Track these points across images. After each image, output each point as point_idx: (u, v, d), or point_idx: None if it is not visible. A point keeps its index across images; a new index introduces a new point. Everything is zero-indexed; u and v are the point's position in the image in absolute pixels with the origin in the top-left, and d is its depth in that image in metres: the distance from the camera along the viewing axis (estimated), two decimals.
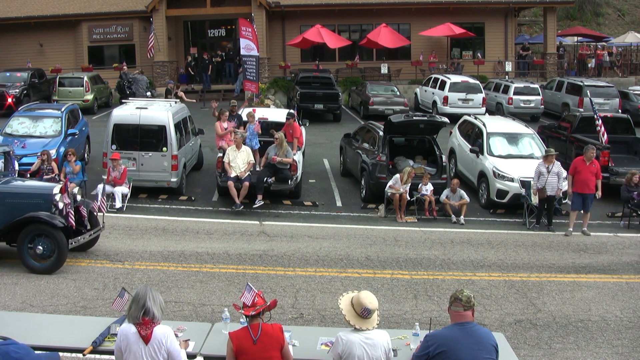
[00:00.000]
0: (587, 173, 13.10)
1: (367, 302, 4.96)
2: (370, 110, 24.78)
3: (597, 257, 11.67)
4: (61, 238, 9.66)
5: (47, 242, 9.69)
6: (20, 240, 9.71)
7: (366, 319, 4.95)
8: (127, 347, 4.62)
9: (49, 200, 9.86)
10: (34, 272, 9.63)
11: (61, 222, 9.71)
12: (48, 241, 9.69)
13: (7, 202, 9.85)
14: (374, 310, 4.95)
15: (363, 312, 4.94)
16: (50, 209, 9.84)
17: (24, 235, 9.68)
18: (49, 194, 9.94)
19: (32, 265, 9.74)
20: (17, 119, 16.27)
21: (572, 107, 24.39)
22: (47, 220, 9.65)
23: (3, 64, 29.33)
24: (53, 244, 9.68)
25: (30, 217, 9.66)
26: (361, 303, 4.95)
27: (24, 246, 9.71)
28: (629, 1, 47.70)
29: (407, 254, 11.40)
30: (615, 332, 8.43)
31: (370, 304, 4.95)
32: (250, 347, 4.89)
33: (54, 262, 9.74)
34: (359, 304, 4.96)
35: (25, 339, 5.08)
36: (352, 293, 5.14)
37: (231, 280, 9.70)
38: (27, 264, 9.75)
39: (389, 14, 31.15)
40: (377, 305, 4.97)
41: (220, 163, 14.12)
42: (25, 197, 9.98)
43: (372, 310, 4.95)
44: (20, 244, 9.72)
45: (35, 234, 9.69)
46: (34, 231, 9.68)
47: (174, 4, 30.33)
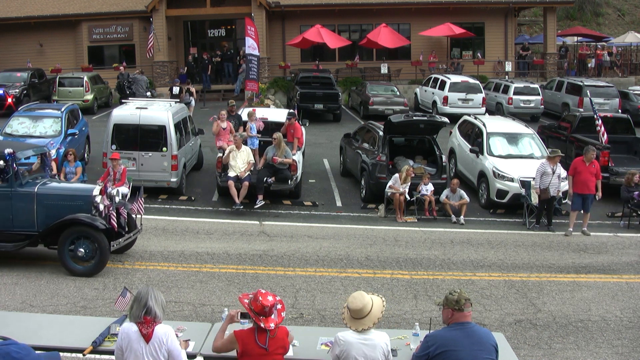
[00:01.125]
0: (587, 174, 13.10)
1: (350, 301, 4.99)
2: (370, 110, 24.78)
3: (597, 257, 11.67)
4: (103, 240, 9.55)
5: (89, 244, 9.59)
6: (61, 243, 9.59)
7: (357, 319, 4.94)
8: (128, 346, 4.63)
9: (89, 202, 9.75)
10: (75, 275, 9.54)
11: (102, 224, 9.61)
12: (89, 243, 9.59)
13: (46, 203, 9.75)
14: (354, 309, 4.92)
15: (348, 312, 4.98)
16: (90, 210, 9.73)
17: (65, 238, 9.57)
18: (89, 195, 9.82)
19: (73, 267, 9.63)
20: (17, 119, 16.26)
21: (572, 107, 24.39)
22: (89, 222, 9.54)
23: (3, 64, 29.33)
24: (94, 246, 9.58)
25: (72, 219, 9.55)
26: (347, 304, 5.01)
27: (64, 248, 9.59)
28: (629, 1, 47.69)
29: (407, 254, 11.41)
30: (615, 332, 8.43)
31: (351, 303, 4.96)
32: (255, 351, 4.89)
33: (95, 264, 9.65)
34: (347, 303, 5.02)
35: (25, 339, 5.08)
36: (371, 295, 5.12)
37: (231, 280, 9.70)
38: (67, 267, 9.64)
39: (389, 14, 31.15)
40: (359, 305, 4.92)
41: (220, 163, 14.13)
42: (64, 199, 9.86)
43: (353, 310, 4.93)
44: (60, 246, 9.60)
45: (76, 236, 9.59)
46: (75, 233, 9.58)
47: (174, 4, 30.32)
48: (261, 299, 4.90)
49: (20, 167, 10.18)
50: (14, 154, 9.69)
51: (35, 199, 9.76)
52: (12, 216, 9.74)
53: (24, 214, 9.75)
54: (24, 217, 9.75)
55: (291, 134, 15.27)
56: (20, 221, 9.76)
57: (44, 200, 9.78)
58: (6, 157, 9.60)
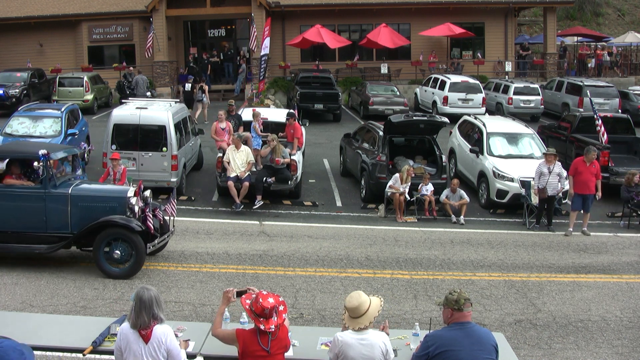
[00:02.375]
0: (588, 174, 13.11)
1: (346, 301, 5.00)
2: (370, 110, 24.78)
3: (597, 257, 11.67)
4: (139, 242, 9.49)
5: (124, 246, 9.52)
6: (96, 245, 9.52)
7: (354, 318, 4.95)
8: (127, 347, 4.63)
9: (123, 204, 9.69)
10: (110, 277, 9.49)
11: (138, 225, 9.53)
12: (125, 245, 9.52)
13: (80, 205, 9.68)
14: (350, 308, 4.94)
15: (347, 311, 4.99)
16: (124, 212, 9.67)
17: (100, 240, 9.51)
18: (124, 197, 9.75)
19: (109, 270, 9.57)
20: (17, 119, 16.27)
21: (572, 107, 24.39)
22: (125, 224, 9.47)
23: (3, 64, 29.32)
24: (130, 248, 9.52)
25: (108, 221, 9.48)
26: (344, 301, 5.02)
27: (100, 250, 9.53)
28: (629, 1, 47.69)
29: (407, 254, 11.41)
30: (615, 332, 8.43)
31: (347, 302, 4.98)
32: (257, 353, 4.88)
33: (131, 266, 9.59)
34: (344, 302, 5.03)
35: (25, 339, 5.08)
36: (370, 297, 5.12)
37: (231, 280, 9.70)
38: (103, 269, 9.58)
39: (389, 14, 31.15)
40: (355, 304, 4.93)
41: (220, 163, 14.13)
42: (99, 200, 9.79)
43: (349, 309, 4.94)
44: (96, 248, 9.53)
45: (112, 238, 9.53)
46: (111, 235, 9.51)
47: (174, 4, 30.31)
48: (261, 300, 4.89)
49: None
50: (48, 155, 9.59)
51: (70, 200, 9.68)
52: (46, 218, 9.67)
53: (57, 216, 9.68)
54: (57, 218, 9.69)
55: (291, 134, 15.27)
56: (54, 223, 9.70)
57: (78, 201, 9.69)
58: (40, 158, 9.53)
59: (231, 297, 5.26)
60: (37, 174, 10.12)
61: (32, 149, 10.28)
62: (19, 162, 10.15)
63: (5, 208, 9.68)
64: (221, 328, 5.26)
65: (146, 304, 4.58)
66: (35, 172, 10.13)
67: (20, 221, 9.70)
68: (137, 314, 4.58)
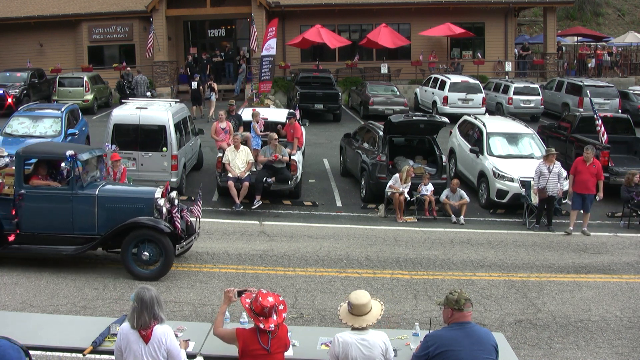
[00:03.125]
0: (587, 174, 13.11)
1: (353, 297, 4.99)
2: (370, 110, 24.78)
3: (597, 257, 11.67)
4: (168, 243, 9.43)
5: (153, 247, 9.47)
6: (124, 246, 9.47)
7: (356, 316, 4.94)
8: (127, 347, 4.63)
9: (151, 205, 9.64)
10: (138, 279, 9.45)
11: (167, 226, 9.48)
12: (153, 247, 9.47)
13: (107, 206, 9.63)
14: (357, 305, 4.93)
15: (348, 307, 4.98)
16: (152, 213, 9.61)
17: (129, 241, 9.45)
18: (151, 198, 9.71)
19: (137, 271, 9.53)
20: (17, 119, 16.28)
21: (572, 107, 24.39)
22: (154, 225, 9.41)
23: (3, 64, 29.32)
24: (159, 249, 9.47)
25: (137, 222, 9.43)
26: (348, 298, 5.01)
27: (128, 252, 9.48)
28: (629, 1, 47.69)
29: (407, 254, 11.40)
30: (615, 332, 8.43)
31: (355, 299, 4.96)
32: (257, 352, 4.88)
33: (160, 268, 9.55)
34: (348, 300, 5.01)
35: (25, 339, 5.07)
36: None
37: (231, 280, 9.70)
38: (131, 270, 9.54)
39: (389, 14, 31.15)
40: (363, 301, 4.94)
41: (220, 163, 14.13)
42: (126, 202, 9.73)
43: (355, 306, 4.93)
44: (124, 249, 9.48)
45: (140, 240, 9.48)
46: (139, 236, 9.46)
47: (174, 4, 30.31)
48: (261, 299, 4.89)
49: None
50: (76, 156, 9.54)
51: (97, 201, 9.64)
52: (73, 219, 9.62)
53: (84, 217, 9.63)
54: (84, 220, 9.64)
55: (291, 134, 15.27)
56: (81, 224, 9.65)
57: (105, 202, 9.65)
58: (68, 159, 9.49)
59: (232, 297, 5.27)
60: (62, 175, 10.09)
61: (60, 149, 10.23)
62: (45, 163, 10.10)
63: (32, 209, 9.63)
64: (222, 327, 5.26)
65: (147, 304, 4.58)
66: (60, 173, 10.09)
67: (47, 222, 9.65)
68: (138, 314, 4.58)
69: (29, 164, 10.23)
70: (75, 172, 9.57)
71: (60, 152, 9.96)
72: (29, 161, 10.16)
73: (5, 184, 9.80)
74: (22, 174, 9.71)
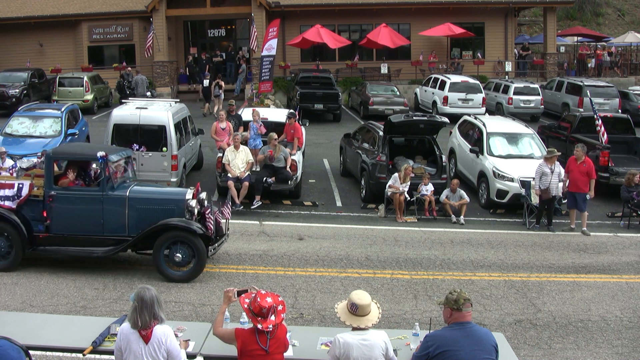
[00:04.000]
0: (577, 172, 13.17)
1: (356, 298, 4.98)
2: (370, 110, 24.78)
3: (597, 257, 11.67)
4: (200, 245, 9.40)
5: (185, 249, 9.44)
6: (156, 248, 9.44)
7: (359, 317, 4.94)
8: (127, 347, 4.63)
9: (182, 206, 9.60)
10: (171, 281, 9.43)
11: (199, 228, 9.44)
12: (186, 248, 9.43)
13: (138, 208, 9.59)
14: (362, 305, 4.93)
15: (351, 307, 4.96)
16: (182, 214, 9.58)
17: (161, 243, 9.42)
18: (182, 199, 9.68)
19: (170, 273, 9.50)
20: (17, 119, 16.28)
21: (572, 107, 24.40)
22: (187, 226, 9.37)
23: (3, 64, 29.31)
24: (191, 251, 9.44)
25: (169, 224, 9.38)
26: (351, 299, 5.00)
27: (160, 254, 9.45)
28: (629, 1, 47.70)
29: (407, 254, 11.40)
30: (615, 332, 8.43)
31: (359, 299, 4.95)
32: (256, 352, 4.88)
33: (192, 269, 9.51)
34: (350, 300, 5.01)
35: (25, 339, 5.08)
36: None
37: (231, 280, 9.70)
38: (163, 272, 9.51)
39: (389, 14, 31.15)
40: (367, 302, 4.95)
41: (220, 163, 14.13)
42: (157, 203, 9.68)
43: (360, 306, 4.93)
44: (156, 251, 9.45)
45: (172, 241, 9.44)
46: (171, 238, 9.42)
47: (174, 4, 30.31)
48: (259, 300, 4.89)
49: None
50: (107, 157, 9.50)
51: (127, 203, 9.60)
52: (103, 221, 9.59)
53: (115, 219, 9.60)
54: (115, 221, 9.61)
55: (291, 134, 15.27)
56: (111, 226, 9.62)
57: (136, 204, 9.60)
58: (99, 160, 9.46)
59: (232, 297, 5.27)
60: (90, 176, 10.06)
61: (90, 150, 10.19)
62: (74, 164, 10.06)
63: (63, 211, 9.60)
64: (222, 327, 5.26)
65: (147, 303, 4.58)
66: (88, 174, 10.05)
67: (77, 224, 9.62)
68: (138, 314, 4.58)
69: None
70: (106, 173, 9.53)
71: (91, 153, 9.91)
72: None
73: (35, 185, 9.74)
74: (52, 175, 9.68)
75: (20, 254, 9.60)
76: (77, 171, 10.10)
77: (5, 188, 9.63)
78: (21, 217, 9.59)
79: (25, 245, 9.56)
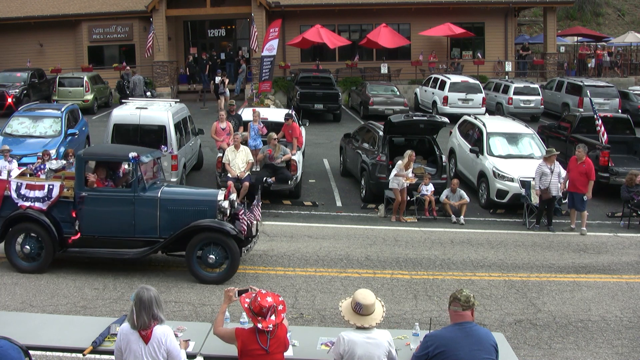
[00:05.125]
0: (575, 172, 13.19)
1: (361, 297, 4.97)
2: (370, 110, 24.77)
3: (597, 257, 11.67)
4: (234, 246, 9.37)
5: (218, 250, 9.41)
6: (189, 249, 9.40)
7: (363, 316, 4.94)
8: (127, 347, 4.63)
9: (213, 207, 9.57)
10: (203, 282, 9.40)
11: (233, 229, 9.41)
12: (219, 250, 9.40)
13: (169, 209, 9.54)
14: (366, 305, 4.93)
15: (355, 307, 4.96)
16: (214, 215, 9.54)
17: (194, 244, 9.38)
18: (214, 200, 9.65)
19: (204, 275, 9.47)
20: (17, 119, 16.27)
21: (572, 107, 24.39)
22: (221, 228, 9.35)
23: (3, 64, 29.32)
24: (225, 252, 9.41)
25: (203, 225, 9.34)
26: (355, 299, 4.99)
27: (193, 255, 9.41)
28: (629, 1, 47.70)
29: (407, 254, 11.40)
30: (615, 332, 8.43)
31: (363, 299, 4.95)
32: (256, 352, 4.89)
33: (226, 271, 9.49)
34: (354, 300, 5.00)
35: (25, 339, 5.08)
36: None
37: (231, 280, 9.69)
38: (196, 274, 9.48)
39: (389, 14, 31.15)
40: (371, 301, 4.95)
41: (220, 163, 14.13)
42: (188, 204, 9.63)
43: (365, 306, 4.93)
44: (189, 253, 9.41)
45: (205, 243, 9.42)
46: (205, 239, 9.39)
47: (174, 4, 30.31)
48: (260, 299, 4.90)
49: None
50: (139, 158, 9.45)
51: (159, 204, 9.56)
52: (135, 222, 9.54)
53: (146, 220, 9.55)
54: (146, 222, 9.56)
55: (289, 134, 15.26)
56: (143, 227, 9.56)
57: (168, 205, 9.56)
58: (131, 161, 9.41)
59: (232, 296, 5.27)
60: (118, 176, 10.02)
61: (122, 152, 10.13)
62: (104, 165, 10.02)
63: (93, 212, 9.56)
64: (222, 327, 5.26)
65: (146, 304, 4.58)
66: (117, 175, 10.01)
67: (108, 225, 9.58)
68: (137, 315, 4.57)
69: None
70: (138, 174, 9.49)
71: (122, 154, 9.86)
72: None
73: (66, 186, 9.71)
74: (83, 176, 9.63)
75: (51, 255, 9.57)
76: (107, 172, 10.05)
77: (36, 189, 9.60)
78: (51, 218, 9.55)
79: (56, 247, 9.53)
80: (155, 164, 10.40)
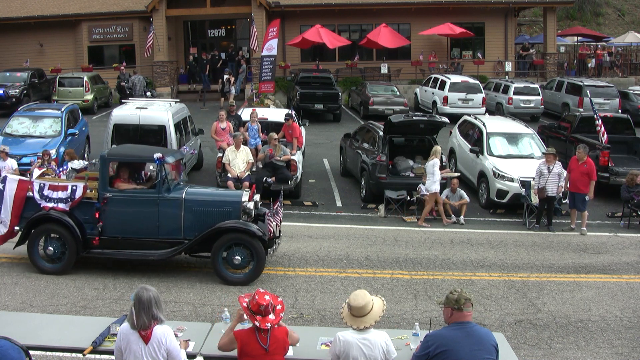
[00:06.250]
0: (577, 172, 13.19)
1: (352, 299, 4.99)
2: (370, 110, 24.78)
3: (597, 257, 11.67)
4: (259, 247, 9.34)
5: (244, 251, 9.38)
6: (215, 250, 9.37)
7: (357, 317, 4.95)
8: (127, 347, 4.63)
9: (238, 208, 9.53)
10: (229, 284, 9.37)
11: (258, 230, 9.36)
12: (244, 250, 9.37)
13: (194, 210, 9.50)
14: (356, 307, 4.93)
15: (349, 309, 4.98)
16: (239, 217, 9.50)
17: (219, 245, 9.35)
18: (239, 201, 9.61)
19: (230, 276, 9.42)
20: (17, 119, 16.28)
21: (572, 107, 24.39)
22: (247, 229, 9.31)
23: (3, 64, 29.33)
24: (250, 253, 9.37)
25: (228, 226, 9.30)
26: (348, 301, 5.01)
27: (219, 256, 9.38)
28: (629, 1, 47.71)
29: (407, 254, 11.40)
30: (615, 332, 8.43)
31: (354, 300, 4.96)
32: (255, 351, 4.88)
33: (251, 272, 9.44)
34: (348, 301, 5.02)
35: (25, 339, 5.07)
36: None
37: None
38: (222, 275, 9.43)
39: (389, 14, 31.15)
40: (362, 303, 4.94)
41: (220, 163, 14.13)
42: (213, 205, 9.59)
43: (355, 307, 4.93)
44: (215, 254, 9.38)
45: (230, 244, 9.40)
46: (230, 240, 9.35)
47: (174, 4, 30.31)
48: (257, 297, 4.92)
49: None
50: (164, 158, 9.40)
51: (183, 205, 9.51)
52: (159, 223, 9.49)
53: (171, 221, 9.51)
54: (170, 223, 9.51)
55: (289, 134, 15.27)
56: (167, 228, 9.52)
57: (192, 206, 9.52)
58: (156, 162, 9.36)
59: (243, 315, 5.26)
60: (142, 178, 9.98)
61: (146, 153, 10.08)
62: (127, 166, 9.95)
63: (117, 213, 9.51)
64: None
65: (145, 304, 4.57)
66: (140, 176, 9.98)
67: (132, 226, 9.54)
68: (136, 315, 4.57)
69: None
70: (162, 174, 9.44)
71: (147, 155, 9.80)
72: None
73: (89, 187, 9.66)
74: (107, 177, 9.57)
75: (74, 256, 9.53)
76: (130, 173, 10.00)
77: (59, 190, 9.53)
78: (74, 219, 9.50)
79: (79, 248, 9.49)
80: (178, 165, 10.33)
